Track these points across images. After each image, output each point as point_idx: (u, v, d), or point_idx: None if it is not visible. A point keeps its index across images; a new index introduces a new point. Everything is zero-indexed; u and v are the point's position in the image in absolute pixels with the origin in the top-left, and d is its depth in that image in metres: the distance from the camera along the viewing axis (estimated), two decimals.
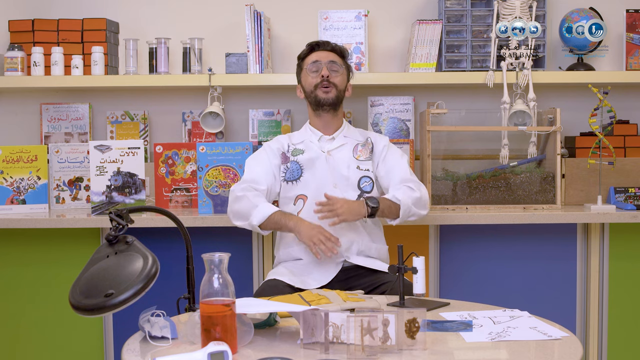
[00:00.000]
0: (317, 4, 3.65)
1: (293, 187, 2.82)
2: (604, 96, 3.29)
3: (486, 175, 3.38)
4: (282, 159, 2.86)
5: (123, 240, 2.02)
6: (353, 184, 2.81)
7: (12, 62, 3.48)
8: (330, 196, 2.64)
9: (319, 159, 2.82)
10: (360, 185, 2.81)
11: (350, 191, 2.80)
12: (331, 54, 2.88)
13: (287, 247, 2.83)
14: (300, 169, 2.82)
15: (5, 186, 3.33)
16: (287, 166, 2.84)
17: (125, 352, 1.85)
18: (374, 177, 2.85)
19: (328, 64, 2.84)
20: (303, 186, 2.81)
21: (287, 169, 2.83)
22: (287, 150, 2.87)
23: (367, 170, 2.84)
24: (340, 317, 1.82)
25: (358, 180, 2.82)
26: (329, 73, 2.83)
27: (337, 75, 2.85)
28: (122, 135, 3.69)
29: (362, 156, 2.86)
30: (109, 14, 3.67)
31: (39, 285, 3.31)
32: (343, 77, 2.88)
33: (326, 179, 2.80)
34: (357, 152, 2.86)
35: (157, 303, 2.02)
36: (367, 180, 2.83)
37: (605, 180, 3.40)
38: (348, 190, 2.80)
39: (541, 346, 1.87)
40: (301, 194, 2.81)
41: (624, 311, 3.32)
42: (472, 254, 3.34)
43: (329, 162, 2.82)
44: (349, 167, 2.82)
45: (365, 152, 2.87)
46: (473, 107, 3.66)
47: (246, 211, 2.71)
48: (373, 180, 2.84)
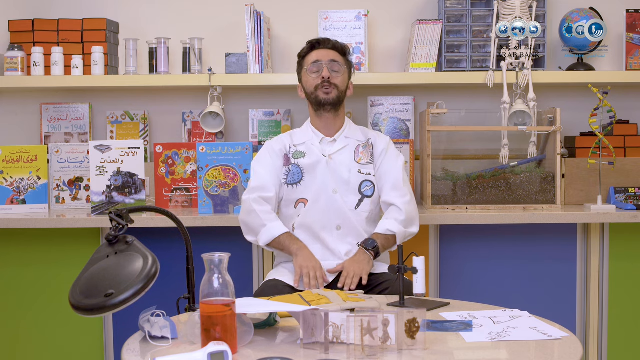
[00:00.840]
0: (317, 4, 3.65)
1: (294, 191, 2.81)
2: (604, 96, 3.29)
3: (486, 175, 3.38)
4: (284, 161, 2.85)
5: (123, 240, 2.02)
6: (354, 188, 2.80)
7: (12, 62, 3.48)
8: (335, 268, 2.69)
9: (320, 164, 2.81)
10: (361, 189, 2.81)
11: (351, 195, 2.80)
12: (332, 52, 2.85)
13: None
14: (301, 173, 2.81)
15: (5, 186, 3.33)
16: (289, 169, 2.83)
17: (125, 352, 1.85)
18: (375, 181, 2.84)
19: (329, 63, 2.82)
20: (303, 190, 2.80)
21: (289, 172, 2.83)
22: (288, 151, 2.86)
23: (368, 174, 2.82)
24: (340, 317, 1.82)
25: (359, 184, 2.81)
26: (329, 74, 2.81)
27: (338, 75, 2.83)
28: (122, 135, 3.69)
29: (363, 159, 2.84)
30: (109, 14, 3.67)
31: (39, 285, 3.31)
32: (344, 76, 2.86)
33: (326, 184, 2.79)
34: (358, 154, 2.84)
35: (157, 303, 2.02)
36: (369, 184, 2.82)
37: (605, 180, 3.40)
38: (349, 194, 2.79)
39: (541, 346, 1.87)
40: (302, 198, 2.81)
41: (624, 311, 3.32)
42: (472, 254, 3.34)
43: (329, 166, 2.80)
44: (350, 171, 2.81)
45: (367, 155, 2.85)
46: (473, 107, 3.66)
47: (255, 228, 2.77)
48: (374, 184, 2.83)
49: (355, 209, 2.79)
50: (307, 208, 2.78)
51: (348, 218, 2.77)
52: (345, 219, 2.77)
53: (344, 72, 2.86)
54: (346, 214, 2.78)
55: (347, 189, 2.80)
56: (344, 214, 2.77)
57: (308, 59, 2.86)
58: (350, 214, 2.78)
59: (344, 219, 2.77)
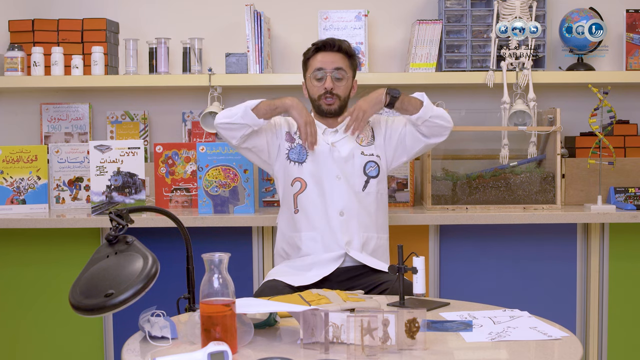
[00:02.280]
0: (317, 4, 3.65)
1: (295, 168, 2.80)
2: (604, 96, 3.29)
3: (486, 175, 3.39)
4: (287, 137, 2.84)
5: (123, 240, 2.02)
6: (359, 170, 2.80)
7: (12, 62, 3.48)
8: (349, 110, 2.76)
9: (323, 152, 2.80)
10: (365, 170, 2.81)
11: (356, 178, 2.79)
12: (337, 56, 2.82)
13: (290, 234, 2.82)
14: (306, 153, 2.80)
15: (5, 186, 3.33)
16: (293, 145, 2.82)
17: (125, 352, 1.85)
18: (379, 161, 2.83)
19: (333, 71, 2.80)
20: (304, 171, 2.79)
21: (292, 148, 2.82)
22: (293, 132, 2.85)
23: (371, 155, 2.82)
24: (340, 317, 1.82)
25: (363, 165, 2.81)
26: (332, 85, 2.79)
27: (342, 84, 2.81)
28: (122, 135, 3.69)
29: (364, 140, 2.84)
30: (109, 14, 3.68)
31: (39, 285, 3.31)
32: (348, 82, 2.84)
33: (330, 170, 2.78)
34: (359, 137, 2.83)
35: (157, 303, 2.02)
36: (373, 165, 2.81)
37: (605, 180, 3.40)
38: (354, 178, 2.79)
39: (541, 346, 1.87)
40: (300, 177, 2.79)
41: (624, 311, 3.32)
42: (472, 254, 3.34)
43: (332, 154, 2.80)
44: (353, 155, 2.80)
45: (367, 136, 2.85)
46: (473, 107, 3.66)
47: (236, 109, 2.76)
48: (378, 164, 2.82)
49: (363, 190, 2.79)
50: (307, 193, 2.78)
51: (352, 203, 2.76)
52: (348, 204, 2.76)
53: (348, 78, 2.84)
54: (350, 199, 2.76)
55: (352, 172, 2.79)
56: (348, 198, 2.76)
57: (312, 63, 2.84)
58: (356, 197, 2.77)
59: (347, 204, 2.76)
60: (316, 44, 2.86)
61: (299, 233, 2.79)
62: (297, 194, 2.79)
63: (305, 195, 2.78)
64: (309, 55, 2.86)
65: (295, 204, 2.80)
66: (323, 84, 2.80)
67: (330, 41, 2.84)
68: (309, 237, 2.77)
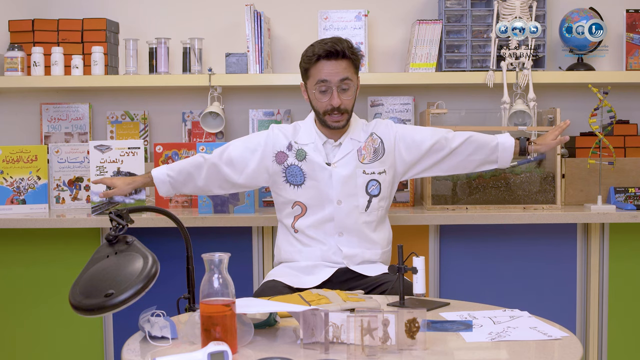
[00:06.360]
0: (317, 4, 3.66)
1: (293, 191, 2.73)
2: (604, 96, 3.29)
3: (486, 175, 3.39)
4: (278, 159, 2.74)
5: (123, 240, 2.02)
6: (361, 190, 2.72)
7: (12, 62, 3.48)
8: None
9: (323, 173, 2.70)
10: (368, 190, 2.73)
11: (359, 198, 2.72)
12: (341, 64, 2.61)
13: (288, 247, 2.81)
14: (303, 176, 2.72)
15: (5, 186, 3.33)
16: (288, 165, 2.73)
17: (125, 352, 1.85)
18: (380, 179, 2.74)
19: (339, 83, 2.61)
20: (303, 194, 2.72)
21: (287, 168, 2.73)
22: (287, 147, 2.74)
23: (372, 173, 2.73)
24: (340, 317, 1.82)
25: (365, 185, 2.73)
26: (340, 101, 2.62)
27: (348, 95, 2.65)
28: (122, 135, 3.69)
29: (366, 157, 2.73)
30: (109, 14, 3.68)
31: (39, 285, 3.31)
32: (353, 89, 2.68)
33: (330, 194, 2.70)
34: (361, 152, 2.73)
35: (157, 303, 2.02)
36: (374, 183, 2.73)
37: (605, 180, 3.40)
38: (357, 198, 2.72)
39: (541, 346, 1.87)
40: (300, 201, 2.73)
41: (624, 311, 3.32)
42: (472, 254, 3.34)
43: (333, 176, 2.69)
44: (356, 176, 2.71)
45: (369, 152, 2.73)
46: (473, 107, 3.67)
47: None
48: (379, 182, 2.74)
49: (366, 210, 2.74)
50: (308, 217, 2.72)
51: (353, 224, 2.71)
52: (349, 226, 2.71)
53: (355, 85, 2.67)
54: (351, 221, 2.71)
55: (355, 192, 2.71)
56: (349, 221, 2.71)
57: (314, 73, 2.64)
58: (358, 218, 2.71)
59: (348, 226, 2.71)
60: (318, 52, 2.62)
61: (298, 249, 2.76)
62: (297, 217, 2.75)
63: (305, 219, 2.73)
64: (310, 65, 2.65)
65: (294, 226, 2.75)
66: (329, 100, 2.63)
67: (333, 49, 2.61)
68: (308, 251, 2.75)
